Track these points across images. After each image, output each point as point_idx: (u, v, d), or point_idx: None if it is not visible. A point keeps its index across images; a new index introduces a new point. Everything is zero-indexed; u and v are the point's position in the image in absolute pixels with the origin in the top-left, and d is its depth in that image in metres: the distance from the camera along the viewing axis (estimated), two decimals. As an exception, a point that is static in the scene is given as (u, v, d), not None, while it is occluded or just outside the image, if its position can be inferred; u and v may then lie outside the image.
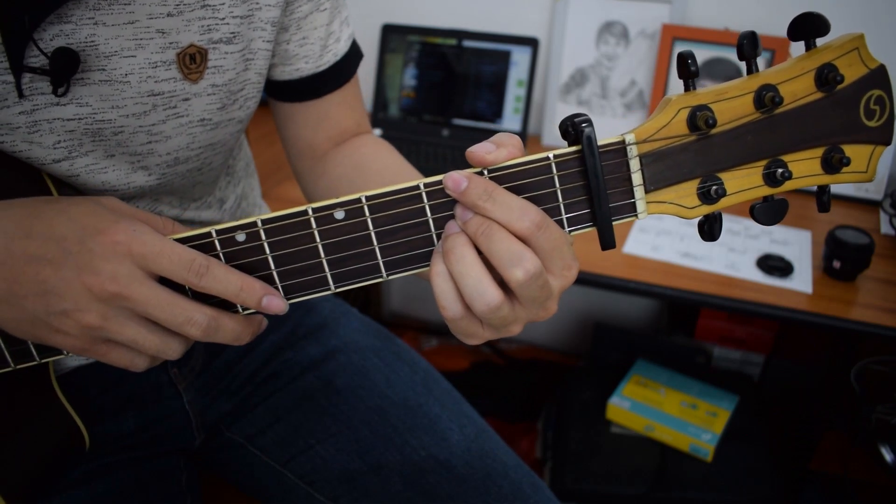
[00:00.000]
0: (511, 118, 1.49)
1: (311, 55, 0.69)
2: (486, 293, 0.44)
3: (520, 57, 1.47)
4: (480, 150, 0.46)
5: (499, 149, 0.46)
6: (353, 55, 0.74)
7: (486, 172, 0.46)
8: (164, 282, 0.47)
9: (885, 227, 1.23)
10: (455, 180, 0.45)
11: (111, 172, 0.58)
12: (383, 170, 0.70)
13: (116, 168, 0.58)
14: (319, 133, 0.75)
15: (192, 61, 0.57)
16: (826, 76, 0.46)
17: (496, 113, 1.50)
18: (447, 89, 1.52)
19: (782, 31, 0.51)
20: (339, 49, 0.72)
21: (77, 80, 0.53)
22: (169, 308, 0.46)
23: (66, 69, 0.51)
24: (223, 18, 0.58)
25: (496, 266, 0.44)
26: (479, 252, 0.45)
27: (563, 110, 1.51)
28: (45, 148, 0.54)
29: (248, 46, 0.61)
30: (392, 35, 1.54)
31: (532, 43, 1.45)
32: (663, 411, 1.36)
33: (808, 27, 0.46)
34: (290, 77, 0.70)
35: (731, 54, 1.36)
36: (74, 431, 0.61)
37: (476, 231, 0.45)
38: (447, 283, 0.45)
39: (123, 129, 0.56)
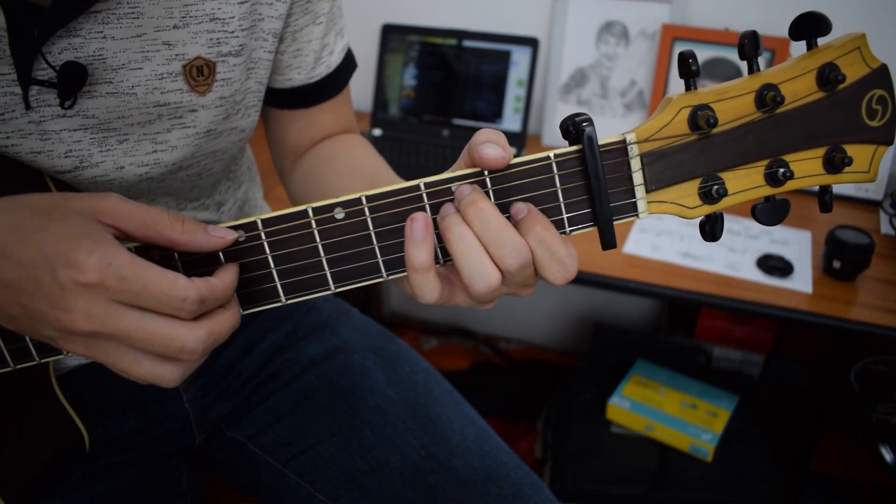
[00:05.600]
0: (511, 118, 1.49)
1: (303, 66, 0.69)
2: (488, 274, 0.45)
3: (520, 57, 1.47)
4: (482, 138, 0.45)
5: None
6: (347, 66, 0.74)
7: (486, 173, 0.46)
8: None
9: (885, 227, 1.23)
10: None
11: (116, 185, 0.59)
12: (352, 162, 0.70)
13: (122, 179, 0.59)
14: (304, 137, 0.75)
15: (200, 73, 0.57)
16: (827, 76, 0.46)
17: (496, 113, 1.49)
18: (447, 89, 1.52)
19: (782, 32, 0.51)
20: (333, 61, 0.71)
21: (84, 92, 0.53)
22: (155, 340, 0.42)
23: (73, 83, 0.51)
24: (232, 32, 0.58)
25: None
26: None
27: (563, 110, 1.51)
28: (55, 157, 0.54)
29: (250, 56, 0.61)
30: (392, 35, 1.54)
31: (532, 43, 1.45)
32: (663, 411, 1.36)
33: (809, 26, 0.46)
34: (280, 86, 0.70)
35: (731, 54, 1.36)
36: (74, 432, 0.60)
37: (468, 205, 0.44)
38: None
39: (128, 137, 0.57)
